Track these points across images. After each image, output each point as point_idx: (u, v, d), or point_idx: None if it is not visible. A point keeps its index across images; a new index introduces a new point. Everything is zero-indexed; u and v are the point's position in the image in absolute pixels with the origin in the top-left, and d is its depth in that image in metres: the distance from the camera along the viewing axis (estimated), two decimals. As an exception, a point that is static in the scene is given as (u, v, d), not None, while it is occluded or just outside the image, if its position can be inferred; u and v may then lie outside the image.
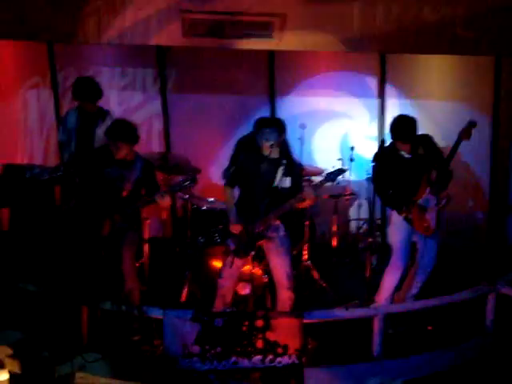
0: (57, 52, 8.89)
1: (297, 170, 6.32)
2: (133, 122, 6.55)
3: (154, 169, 6.68)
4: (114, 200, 6.36)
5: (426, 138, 6.64)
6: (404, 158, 6.56)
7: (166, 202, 6.30)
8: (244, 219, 6.21)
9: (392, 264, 6.68)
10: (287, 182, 6.21)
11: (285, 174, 6.21)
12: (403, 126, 6.49)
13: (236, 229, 6.21)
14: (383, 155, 6.65)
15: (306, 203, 6.15)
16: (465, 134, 6.57)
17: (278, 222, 6.25)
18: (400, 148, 6.54)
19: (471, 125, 6.59)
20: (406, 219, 6.55)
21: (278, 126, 6.22)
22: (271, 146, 6.11)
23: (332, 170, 6.33)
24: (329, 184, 6.34)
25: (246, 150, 6.63)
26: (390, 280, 6.67)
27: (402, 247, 6.64)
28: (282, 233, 6.27)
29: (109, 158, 6.41)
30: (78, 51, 8.89)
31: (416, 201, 6.54)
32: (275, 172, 6.20)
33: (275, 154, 6.22)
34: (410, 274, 6.78)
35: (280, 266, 6.27)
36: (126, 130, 6.39)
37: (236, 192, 6.42)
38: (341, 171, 6.28)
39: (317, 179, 7.11)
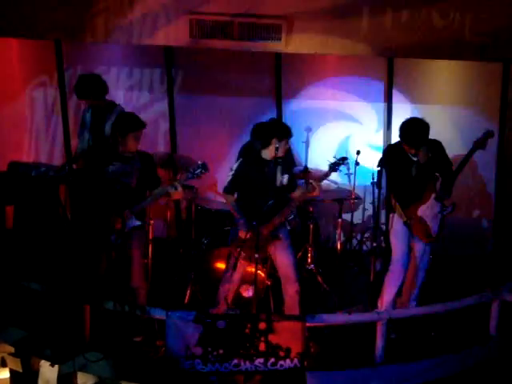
0: (64, 51, 8.91)
1: (291, 165, 6.40)
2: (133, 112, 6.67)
3: (153, 160, 6.63)
4: (123, 197, 6.35)
5: (436, 144, 6.60)
6: (411, 159, 6.52)
7: (178, 193, 6.26)
8: (250, 223, 6.23)
9: (392, 268, 6.65)
10: (285, 179, 6.34)
11: (283, 172, 6.33)
12: (414, 130, 6.35)
13: (245, 235, 6.21)
14: (391, 152, 6.59)
15: (314, 194, 6.21)
16: (480, 143, 6.54)
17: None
18: (407, 151, 6.52)
19: (488, 135, 6.55)
20: (406, 224, 6.52)
21: (291, 135, 6.30)
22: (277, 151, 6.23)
23: (334, 160, 6.29)
24: (333, 175, 6.33)
25: (247, 156, 6.65)
26: (391, 284, 6.64)
27: (402, 251, 6.61)
28: (286, 228, 6.39)
29: (111, 156, 6.41)
30: (85, 50, 8.91)
31: (419, 206, 6.52)
32: (275, 172, 6.31)
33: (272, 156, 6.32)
34: (409, 276, 6.75)
35: (286, 259, 6.38)
36: (131, 121, 6.40)
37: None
38: (343, 160, 6.24)
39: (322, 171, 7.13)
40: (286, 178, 6.35)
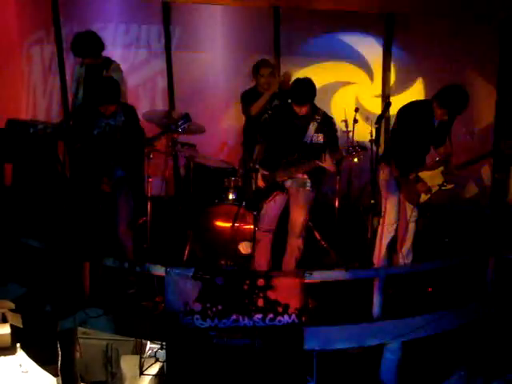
0: (61, 7, 8.80)
1: (330, 126, 6.42)
2: (112, 79, 6.55)
3: (135, 112, 6.62)
4: (109, 150, 6.37)
5: None
6: (433, 122, 6.48)
7: (162, 142, 6.36)
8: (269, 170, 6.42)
9: (383, 221, 6.64)
10: (320, 138, 6.33)
11: (317, 131, 6.34)
12: (460, 98, 6.30)
13: (261, 183, 6.44)
14: (417, 109, 6.51)
15: (327, 165, 6.22)
16: (507, 146, 6.56)
17: (305, 177, 6.41)
18: (437, 114, 6.43)
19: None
20: (396, 180, 6.52)
21: (311, 101, 6.31)
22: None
23: (355, 144, 6.25)
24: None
25: (280, 106, 6.78)
26: (383, 236, 6.62)
27: (392, 203, 6.61)
28: (308, 187, 6.45)
29: (94, 112, 6.39)
30: (82, 6, 8.81)
31: (419, 171, 6.50)
32: (306, 128, 6.32)
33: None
34: (401, 230, 6.76)
35: (298, 216, 6.50)
36: (109, 92, 6.31)
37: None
38: (363, 148, 6.15)
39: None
40: (320, 137, 6.34)
